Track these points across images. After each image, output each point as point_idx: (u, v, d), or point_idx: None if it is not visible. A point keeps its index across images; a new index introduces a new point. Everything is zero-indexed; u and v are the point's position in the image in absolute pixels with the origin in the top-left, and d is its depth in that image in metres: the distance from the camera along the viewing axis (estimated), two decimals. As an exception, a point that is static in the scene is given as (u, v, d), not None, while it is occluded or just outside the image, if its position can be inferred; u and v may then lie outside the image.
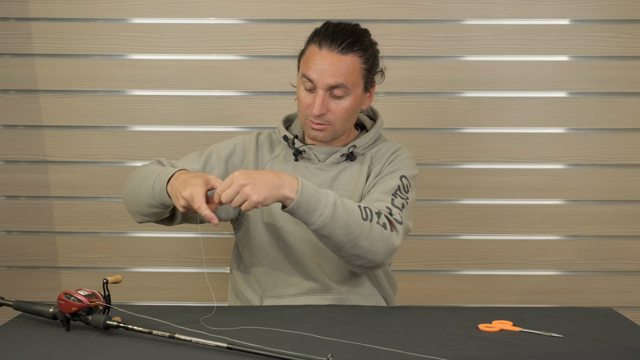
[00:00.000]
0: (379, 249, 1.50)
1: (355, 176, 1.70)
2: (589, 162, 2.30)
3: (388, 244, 1.51)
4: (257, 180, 1.39)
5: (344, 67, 1.60)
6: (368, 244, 1.49)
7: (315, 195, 1.43)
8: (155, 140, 2.30)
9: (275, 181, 1.40)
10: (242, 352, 1.20)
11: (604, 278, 2.35)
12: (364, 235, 1.47)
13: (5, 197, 2.34)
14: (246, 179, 1.38)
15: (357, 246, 1.48)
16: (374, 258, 1.51)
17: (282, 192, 1.40)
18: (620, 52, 2.25)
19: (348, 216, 1.45)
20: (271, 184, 1.40)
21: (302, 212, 1.43)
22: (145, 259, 2.36)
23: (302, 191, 1.41)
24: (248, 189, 1.37)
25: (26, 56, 2.27)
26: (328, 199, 1.44)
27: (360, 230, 1.47)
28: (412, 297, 2.31)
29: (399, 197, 1.61)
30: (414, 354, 1.20)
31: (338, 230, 1.45)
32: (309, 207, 1.43)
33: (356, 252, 1.50)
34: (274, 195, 1.40)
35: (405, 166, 1.69)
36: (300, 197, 1.41)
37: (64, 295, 1.32)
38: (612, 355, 1.25)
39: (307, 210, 1.43)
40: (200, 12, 2.26)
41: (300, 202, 1.41)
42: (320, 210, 1.43)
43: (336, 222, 1.44)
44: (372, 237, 1.48)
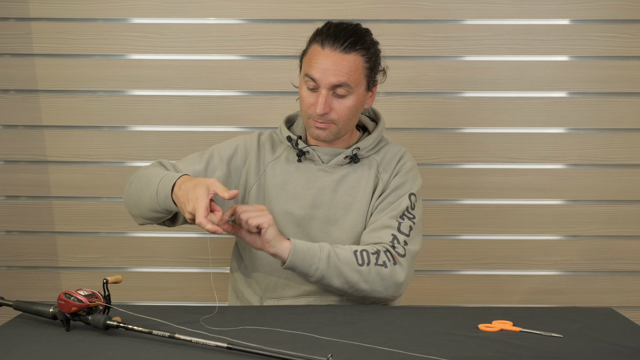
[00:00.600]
0: (381, 288, 1.58)
1: (360, 183, 1.70)
2: (589, 162, 2.30)
3: (391, 281, 1.58)
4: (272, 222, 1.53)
5: (347, 66, 1.60)
6: (369, 287, 1.57)
7: (308, 251, 1.54)
8: (155, 140, 2.30)
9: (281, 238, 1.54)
10: (242, 352, 1.20)
11: (604, 278, 2.35)
12: (364, 280, 1.56)
13: (5, 197, 2.34)
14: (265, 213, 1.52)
15: (359, 290, 1.58)
16: (380, 296, 1.60)
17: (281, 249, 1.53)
18: (620, 52, 2.25)
19: (343, 266, 1.55)
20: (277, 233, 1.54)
21: (299, 268, 1.55)
22: (145, 259, 2.36)
23: (295, 249, 1.53)
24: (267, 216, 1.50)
25: (26, 56, 2.27)
26: (322, 252, 1.55)
27: (358, 276, 1.56)
28: (412, 297, 2.31)
29: (407, 218, 1.66)
30: (414, 354, 1.20)
31: (336, 280, 1.56)
32: (304, 263, 1.54)
33: (360, 294, 1.59)
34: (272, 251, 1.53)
35: (410, 179, 1.71)
36: (294, 256, 1.53)
37: (64, 295, 1.32)
38: (612, 355, 1.25)
39: (303, 266, 1.54)
40: (200, 12, 2.26)
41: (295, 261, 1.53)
42: (316, 265, 1.54)
43: (332, 273, 1.55)
44: (372, 280, 1.57)
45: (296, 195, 1.69)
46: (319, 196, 1.68)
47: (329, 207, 1.68)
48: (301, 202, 1.68)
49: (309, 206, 1.68)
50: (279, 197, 1.69)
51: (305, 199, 1.68)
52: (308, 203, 1.68)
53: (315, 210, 1.68)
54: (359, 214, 1.67)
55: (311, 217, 1.68)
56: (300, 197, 1.69)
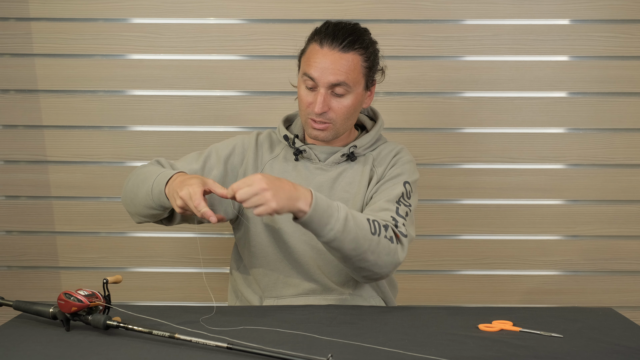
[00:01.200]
0: (384, 262, 1.53)
1: (356, 178, 1.70)
2: (589, 162, 2.30)
3: (393, 258, 1.54)
4: (278, 188, 1.39)
5: (345, 65, 1.60)
6: (374, 258, 1.51)
7: (327, 209, 1.44)
8: (155, 140, 2.30)
9: (292, 192, 1.41)
10: (242, 352, 1.20)
11: (604, 278, 2.35)
12: (372, 250, 1.50)
13: (5, 197, 2.34)
14: (268, 185, 1.38)
15: (364, 259, 1.51)
16: (379, 271, 1.55)
17: (297, 204, 1.41)
18: (620, 52, 2.25)
19: (358, 231, 1.47)
20: (289, 194, 1.40)
21: (314, 225, 1.44)
22: (145, 259, 2.36)
23: (315, 205, 1.42)
24: (269, 195, 1.37)
25: (26, 56, 2.27)
26: (340, 213, 1.45)
27: (368, 244, 1.49)
28: (412, 297, 2.31)
29: (403, 204, 1.62)
30: (414, 354, 1.20)
31: (347, 244, 1.47)
32: (321, 221, 1.44)
33: (362, 264, 1.52)
34: (290, 207, 1.41)
35: (407, 170, 1.70)
36: (314, 211, 1.42)
37: (64, 295, 1.32)
38: (612, 355, 1.25)
39: (319, 224, 1.44)
40: (200, 12, 2.26)
41: (313, 216, 1.43)
42: (332, 225, 1.45)
43: (346, 236, 1.46)
44: (379, 251, 1.51)
45: (294, 194, 1.68)
46: None
47: None
48: (299, 200, 1.67)
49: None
50: (277, 195, 1.69)
51: (303, 197, 1.67)
52: None
53: None
54: (355, 209, 1.67)
55: (309, 214, 1.67)
56: (298, 195, 1.68)
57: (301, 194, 1.42)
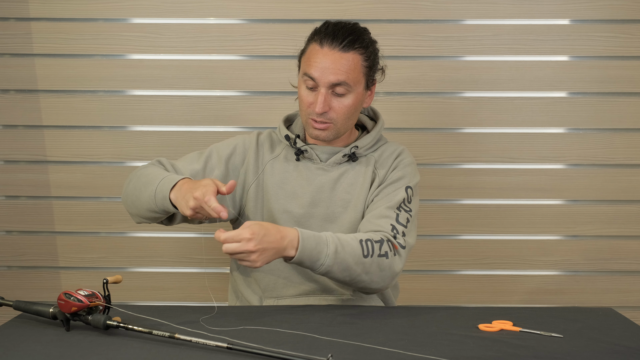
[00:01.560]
0: (379, 279, 1.57)
1: (358, 180, 1.70)
2: (589, 162, 2.30)
3: (389, 272, 1.57)
4: (264, 250, 1.42)
5: (346, 64, 1.60)
6: (369, 278, 1.56)
7: (316, 247, 1.49)
8: (155, 140, 2.30)
9: (279, 246, 1.45)
10: (242, 352, 1.20)
11: (604, 278, 2.35)
12: (365, 271, 1.54)
13: (5, 197, 2.34)
14: (255, 246, 1.40)
15: (359, 281, 1.56)
16: (376, 287, 1.60)
17: (284, 254, 1.47)
18: (620, 52, 2.25)
19: (349, 259, 1.52)
20: (276, 250, 1.45)
21: (305, 264, 1.50)
22: (145, 259, 2.36)
23: (302, 248, 1.47)
24: (254, 257, 1.41)
25: (26, 56, 2.27)
26: (329, 248, 1.50)
27: (361, 268, 1.54)
28: (412, 297, 2.31)
29: (404, 210, 1.64)
30: (414, 354, 1.20)
31: (340, 273, 1.53)
32: (311, 259, 1.49)
33: (358, 285, 1.58)
34: (277, 257, 1.47)
35: (408, 174, 1.71)
36: (301, 254, 1.47)
37: (64, 295, 1.32)
38: (612, 355, 1.25)
39: (309, 262, 1.50)
40: (200, 12, 2.26)
41: (302, 258, 1.48)
42: (322, 260, 1.50)
43: (337, 267, 1.52)
44: (373, 271, 1.55)
45: (295, 194, 1.69)
46: (318, 194, 1.68)
47: (328, 205, 1.68)
48: (300, 201, 1.68)
49: (308, 204, 1.68)
50: (277, 195, 1.70)
51: (304, 198, 1.68)
52: (307, 201, 1.68)
53: (314, 209, 1.68)
54: (356, 211, 1.67)
55: (310, 215, 1.68)
56: (299, 196, 1.69)
57: (287, 244, 1.46)
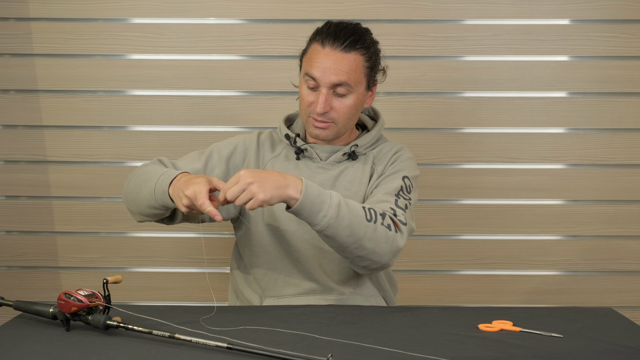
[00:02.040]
0: (383, 250, 1.51)
1: (357, 176, 1.70)
2: (589, 162, 2.30)
3: (392, 245, 1.52)
4: (264, 179, 1.39)
5: (347, 65, 1.60)
6: (372, 245, 1.49)
7: (319, 195, 1.44)
8: (155, 140, 2.30)
9: (280, 181, 1.41)
10: (242, 352, 1.20)
11: (604, 278, 2.35)
12: (369, 237, 1.48)
13: (5, 197, 2.34)
14: (253, 177, 1.39)
15: (362, 247, 1.49)
16: (379, 259, 1.52)
17: (287, 192, 1.41)
18: (620, 52, 2.25)
19: (352, 217, 1.46)
20: (277, 183, 1.40)
21: (306, 212, 1.43)
22: (145, 259, 2.36)
23: (306, 191, 1.42)
24: (255, 187, 1.38)
25: (26, 56, 2.27)
26: (332, 199, 1.45)
27: (364, 231, 1.47)
28: (412, 297, 2.31)
29: (402, 197, 1.61)
30: (414, 354, 1.20)
31: (342, 231, 1.46)
32: (313, 208, 1.43)
33: (361, 253, 1.50)
34: (279, 195, 1.40)
35: (407, 167, 1.69)
36: (305, 198, 1.42)
37: (64, 295, 1.32)
38: (612, 355, 1.25)
39: (311, 211, 1.43)
40: (200, 12, 2.26)
41: (305, 203, 1.42)
42: (325, 211, 1.44)
43: (340, 222, 1.45)
44: (377, 238, 1.49)
45: (295, 193, 1.68)
46: None
47: None
48: (300, 199, 1.68)
49: None
50: (278, 194, 1.69)
51: (305, 196, 1.68)
52: None
53: None
54: None
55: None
56: (299, 194, 1.68)
57: (290, 182, 1.42)
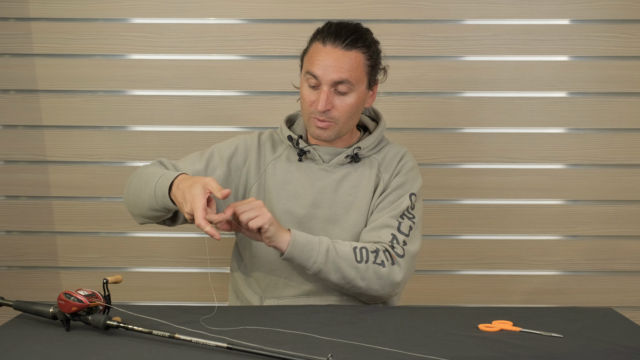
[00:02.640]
0: (377, 286, 1.59)
1: (362, 182, 1.70)
2: (589, 162, 2.30)
3: (387, 281, 1.59)
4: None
5: (348, 62, 1.60)
6: (366, 284, 1.58)
7: (308, 244, 1.55)
8: (155, 140, 2.30)
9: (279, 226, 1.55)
10: (242, 352, 1.20)
11: (604, 278, 2.35)
12: (361, 277, 1.57)
13: (5, 197, 2.34)
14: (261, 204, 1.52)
15: (356, 287, 1.59)
16: (376, 294, 1.61)
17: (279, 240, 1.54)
18: (620, 52, 2.25)
19: (341, 261, 1.56)
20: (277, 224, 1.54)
21: (297, 260, 1.56)
22: (145, 259, 2.36)
23: (294, 241, 1.54)
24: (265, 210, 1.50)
25: (26, 56, 2.27)
26: (321, 246, 1.56)
27: (355, 273, 1.57)
28: (412, 297, 2.31)
29: (407, 218, 1.66)
30: (414, 354, 1.20)
31: (333, 274, 1.57)
32: (303, 256, 1.55)
33: (356, 291, 1.60)
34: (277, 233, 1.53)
35: (412, 179, 1.72)
36: (293, 248, 1.54)
37: (64, 295, 1.32)
38: (612, 355, 1.25)
39: (301, 259, 1.56)
40: (200, 12, 2.26)
41: (294, 253, 1.54)
42: (314, 258, 1.55)
43: (330, 267, 1.56)
44: (369, 277, 1.58)
45: (297, 195, 1.69)
46: (320, 195, 1.68)
47: (330, 206, 1.68)
48: (302, 201, 1.68)
49: (310, 205, 1.68)
50: (279, 196, 1.69)
51: (306, 198, 1.68)
52: (309, 202, 1.68)
53: (316, 210, 1.68)
54: (359, 213, 1.67)
55: (312, 216, 1.68)
56: (301, 196, 1.69)
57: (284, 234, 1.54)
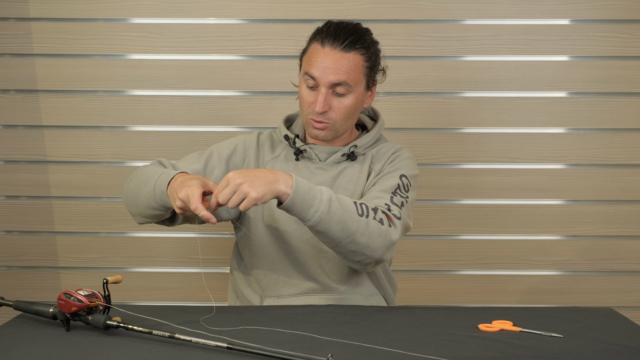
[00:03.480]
0: (376, 244, 1.50)
1: (356, 175, 1.70)
2: (589, 162, 2.30)
3: (386, 239, 1.51)
4: (253, 178, 1.39)
5: (347, 64, 1.60)
6: (365, 240, 1.48)
7: (309, 191, 1.43)
8: (155, 140, 2.30)
9: (270, 177, 1.41)
10: (242, 352, 1.20)
11: (604, 278, 2.35)
12: (361, 231, 1.47)
13: (5, 197, 2.34)
14: (242, 178, 1.38)
15: (355, 242, 1.48)
16: (372, 254, 1.51)
17: (277, 186, 1.40)
18: (620, 52, 2.25)
19: (344, 212, 1.45)
20: (267, 179, 1.40)
21: (297, 208, 1.43)
22: (145, 259, 2.36)
23: (296, 187, 1.42)
24: (245, 187, 1.38)
25: (26, 56, 2.27)
26: (323, 195, 1.44)
27: (357, 226, 1.47)
28: (412, 297, 2.31)
29: (399, 195, 1.61)
30: (414, 354, 1.20)
31: (334, 226, 1.45)
32: (304, 203, 1.43)
33: (354, 247, 1.49)
34: (271, 191, 1.40)
35: (405, 166, 1.69)
36: (295, 193, 1.41)
37: (64, 295, 1.32)
38: (612, 355, 1.25)
39: (302, 206, 1.43)
40: (200, 12, 2.26)
41: (295, 198, 1.42)
42: (316, 206, 1.43)
43: (332, 217, 1.44)
44: (370, 232, 1.48)
45: (295, 193, 1.68)
46: None
47: None
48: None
49: None
50: (278, 195, 1.69)
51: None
52: None
53: None
54: None
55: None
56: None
57: (280, 177, 1.42)
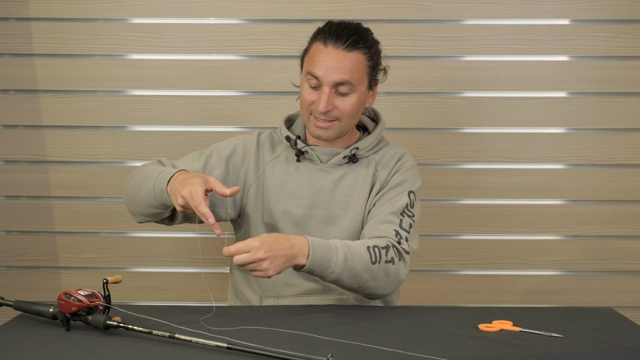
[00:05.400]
0: (385, 285, 1.58)
1: (359, 182, 1.70)
2: (589, 162, 2.30)
3: (395, 279, 1.59)
4: (275, 257, 1.43)
5: (350, 63, 1.60)
6: (376, 284, 1.57)
7: (326, 255, 1.49)
8: (155, 140, 2.30)
9: (290, 253, 1.45)
10: (242, 352, 1.20)
11: (604, 278, 2.35)
12: (373, 277, 1.55)
13: (5, 197, 2.34)
14: (265, 254, 1.41)
15: (367, 287, 1.57)
16: (381, 293, 1.60)
17: (295, 261, 1.47)
18: (620, 52, 2.25)
19: (358, 266, 1.53)
20: (287, 257, 1.45)
21: (316, 273, 1.51)
22: (145, 259, 2.36)
23: (313, 255, 1.47)
24: (266, 264, 1.42)
25: (26, 56, 2.27)
26: (338, 256, 1.50)
27: (370, 275, 1.54)
28: (412, 297, 2.31)
29: (407, 215, 1.65)
30: (414, 354, 1.20)
31: (348, 280, 1.53)
32: (322, 267, 1.50)
33: (365, 292, 1.59)
34: (289, 266, 1.47)
35: (411, 178, 1.71)
36: (312, 262, 1.48)
37: (64, 295, 1.32)
38: (612, 355, 1.25)
39: (320, 271, 1.50)
40: (200, 12, 2.26)
41: (313, 266, 1.48)
42: (332, 268, 1.50)
43: (347, 274, 1.52)
44: (380, 277, 1.56)
45: (295, 195, 1.69)
46: (318, 196, 1.68)
47: (328, 206, 1.68)
48: (300, 202, 1.68)
49: (308, 206, 1.68)
50: (277, 196, 1.70)
51: (304, 199, 1.68)
52: (307, 202, 1.68)
53: (313, 210, 1.68)
54: (356, 213, 1.67)
55: (310, 216, 1.68)
56: (299, 197, 1.69)
57: (298, 251, 1.47)
